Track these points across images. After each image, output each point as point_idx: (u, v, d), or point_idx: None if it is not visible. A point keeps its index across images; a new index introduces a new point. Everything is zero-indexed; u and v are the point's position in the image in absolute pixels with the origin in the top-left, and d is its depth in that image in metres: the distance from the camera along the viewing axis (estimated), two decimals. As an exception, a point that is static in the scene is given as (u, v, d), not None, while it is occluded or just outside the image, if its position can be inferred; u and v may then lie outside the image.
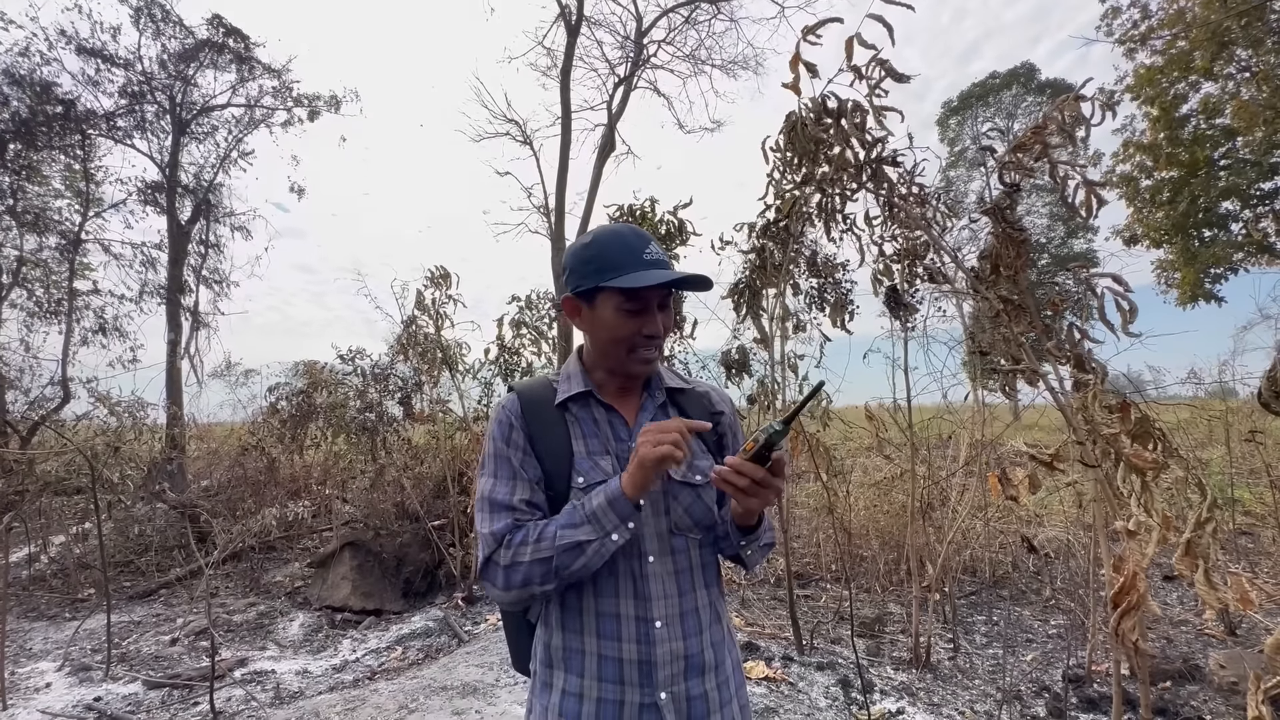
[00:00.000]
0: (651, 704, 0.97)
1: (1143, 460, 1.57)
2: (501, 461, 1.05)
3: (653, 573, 1.01)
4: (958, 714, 2.85)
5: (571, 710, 0.99)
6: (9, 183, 8.52)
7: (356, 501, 6.80)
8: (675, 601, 1.02)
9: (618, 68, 12.08)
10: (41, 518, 6.28)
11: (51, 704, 3.22)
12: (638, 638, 0.98)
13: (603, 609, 1.00)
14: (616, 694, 0.98)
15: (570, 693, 1.00)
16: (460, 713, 2.84)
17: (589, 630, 1.00)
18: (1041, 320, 1.70)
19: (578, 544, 0.93)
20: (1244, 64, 11.09)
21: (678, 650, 1.00)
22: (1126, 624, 1.42)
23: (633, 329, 1.04)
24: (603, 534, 0.94)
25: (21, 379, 8.74)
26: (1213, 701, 2.82)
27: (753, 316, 3.76)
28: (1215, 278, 13.13)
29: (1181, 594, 4.38)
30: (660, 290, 1.05)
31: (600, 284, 1.02)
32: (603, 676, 0.98)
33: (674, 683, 0.98)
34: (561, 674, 1.02)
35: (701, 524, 1.08)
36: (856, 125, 2.01)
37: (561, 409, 1.09)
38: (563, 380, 1.13)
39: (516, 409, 1.09)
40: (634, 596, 1.00)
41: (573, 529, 0.94)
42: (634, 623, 0.99)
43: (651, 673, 0.97)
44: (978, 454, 3.92)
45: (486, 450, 1.09)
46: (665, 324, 1.07)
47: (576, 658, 1.01)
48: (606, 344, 1.07)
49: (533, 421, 1.07)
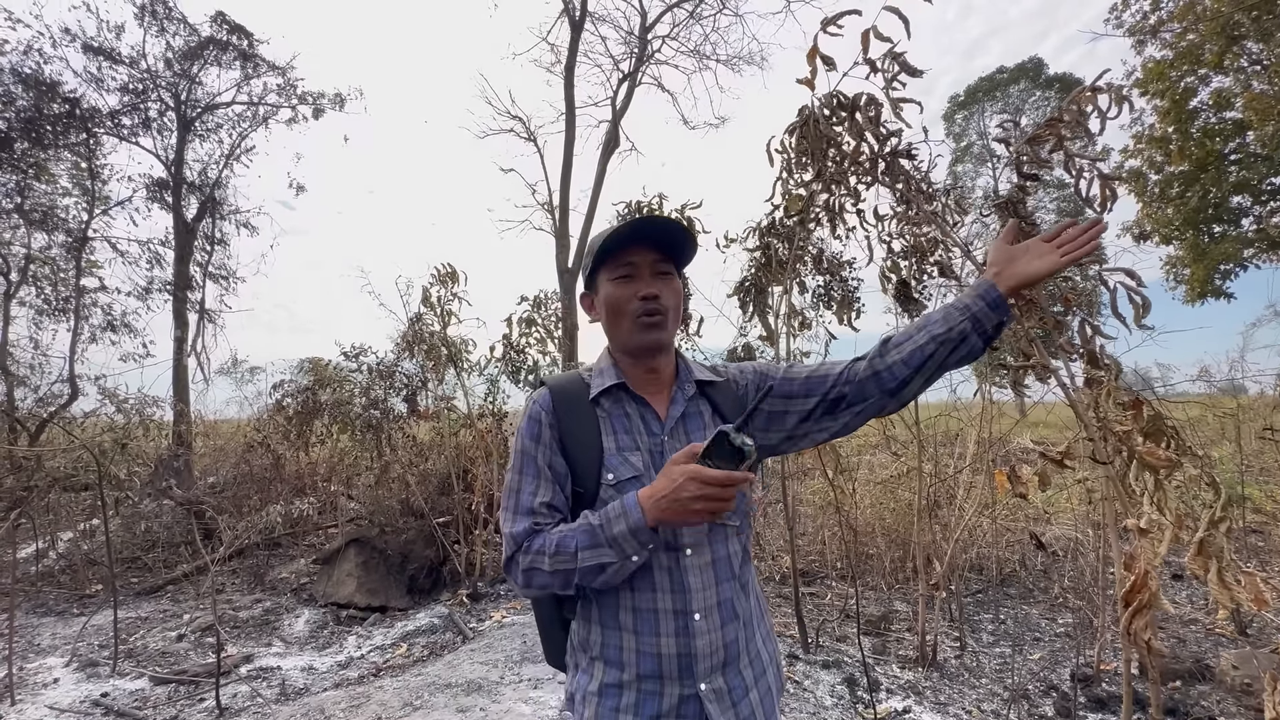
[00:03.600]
0: (692, 695, 0.98)
1: (1156, 458, 1.55)
2: (528, 460, 1.06)
3: (690, 565, 1.01)
4: (964, 713, 2.83)
5: (611, 701, 1.00)
6: (17, 181, 8.56)
7: (361, 498, 6.83)
8: (713, 592, 1.02)
9: (622, 63, 12.05)
10: (49, 514, 6.33)
11: (59, 699, 3.24)
12: (677, 631, 0.99)
13: (640, 604, 1.01)
14: (656, 686, 0.99)
15: (610, 684, 1.01)
16: (465, 710, 2.84)
17: (627, 627, 1.01)
18: (1053, 315, 1.68)
19: (600, 566, 0.94)
20: (1255, 57, 10.96)
21: (716, 641, 1.01)
22: (1139, 623, 1.40)
23: (628, 294, 1.06)
24: (623, 557, 0.94)
25: (30, 376, 8.82)
26: (1224, 702, 2.79)
27: (759, 314, 3.74)
28: (1225, 274, 13.00)
29: (1191, 592, 4.34)
30: (650, 258, 1.06)
31: (594, 264, 1.07)
32: (642, 671, 0.99)
33: (713, 674, 1.00)
34: (601, 665, 1.03)
35: (739, 512, 1.08)
36: (871, 119, 1.98)
37: (594, 404, 1.09)
38: (595, 375, 1.13)
39: (548, 404, 1.09)
40: (672, 590, 1.00)
41: (593, 550, 0.94)
42: (673, 617, 1.00)
43: (692, 665, 0.98)
44: (985, 451, 3.89)
45: (515, 446, 1.09)
46: (664, 295, 1.07)
47: (614, 651, 1.02)
48: (612, 321, 1.09)
49: (564, 417, 1.07)
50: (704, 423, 1.10)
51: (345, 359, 6.48)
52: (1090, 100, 1.59)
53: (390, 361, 6.30)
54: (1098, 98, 1.57)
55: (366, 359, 6.38)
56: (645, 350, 1.09)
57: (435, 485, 5.72)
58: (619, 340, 1.11)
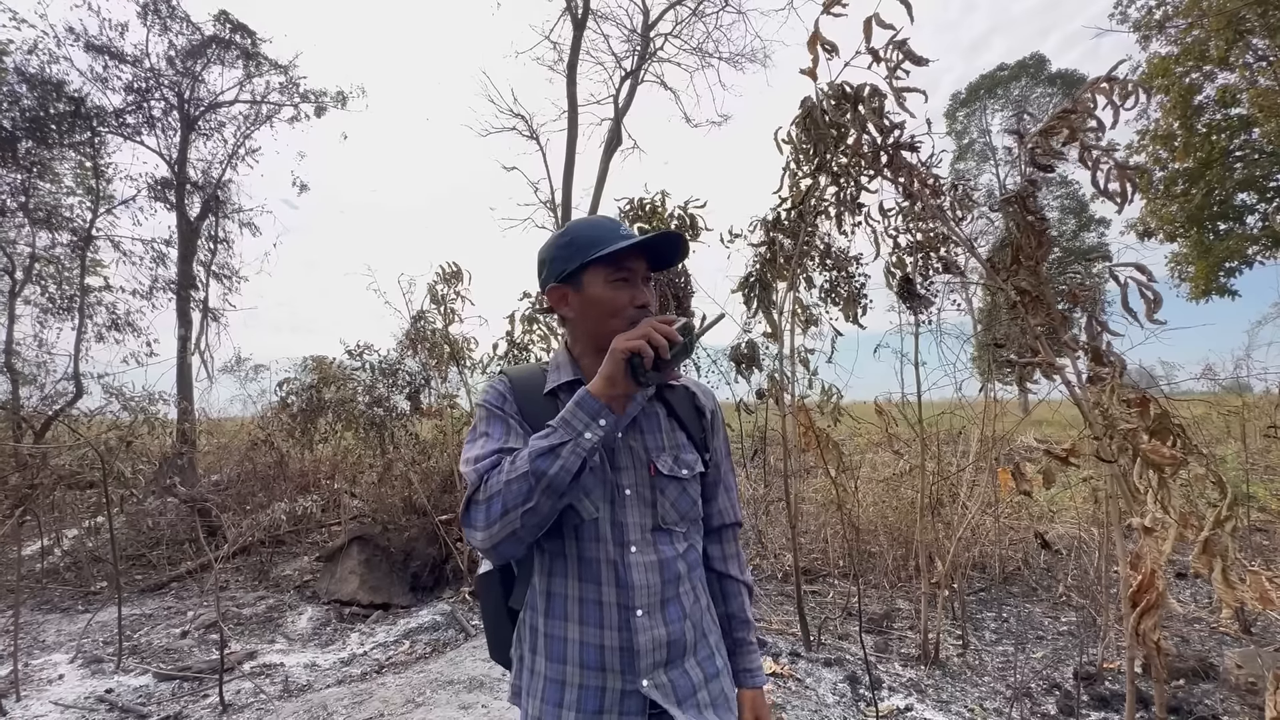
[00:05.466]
0: (634, 691, 0.98)
1: (1161, 456, 1.54)
2: (494, 417, 1.06)
3: (635, 562, 1.01)
4: (967, 711, 2.82)
5: (554, 696, 1.00)
6: (21, 180, 8.58)
7: (365, 496, 6.83)
8: (658, 590, 1.02)
9: (624, 61, 12.02)
10: (55, 511, 6.35)
11: (64, 696, 3.26)
12: (619, 625, 0.99)
13: (585, 595, 1.01)
14: (598, 680, 0.99)
15: (553, 679, 1.01)
16: (467, 707, 2.85)
17: (571, 617, 1.01)
18: (1059, 312, 1.67)
19: (550, 448, 0.91)
20: (1261, 53, 10.88)
21: (660, 638, 1.00)
22: (1147, 623, 1.39)
23: (624, 300, 1.05)
24: (574, 434, 0.91)
25: (36, 375, 8.84)
26: (1228, 700, 2.78)
27: (763, 310, 3.72)
28: (1230, 271, 12.94)
29: (1195, 591, 4.32)
30: (643, 264, 1.07)
31: (585, 260, 1.03)
32: (585, 663, 0.99)
33: (656, 670, 1.00)
34: (544, 660, 1.03)
35: (687, 518, 1.09)
36: (874, 110, 1.96)
37: (551, 396, 1.08)
38: (552, 369, 1.13)
39: (509, 388, 1.09)
40: (616, 585, 1.00)
41: (544, 438, 0.93)
42: (615, 610, 1.00)
43: (634, 661, 0.98)
44: (988, 449, 3.88)
45: (477, 419, 1.09)
46: (652, 303, 1.09)
47: (558, 644, 1.01)
48: (599, 322, 1.06)
49: (524, 404, 1.07)
50: (659, 424, 1.11)
51: (350, 357, 6.49)
52: (1105, 92, 1.58)
53: (394, 359, 6.31)
54: (1112, 89, 1.56)
55: (370, 357, 6.39)
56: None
57: (438, 483, 5.73)
58: (600, 343, 1.05)
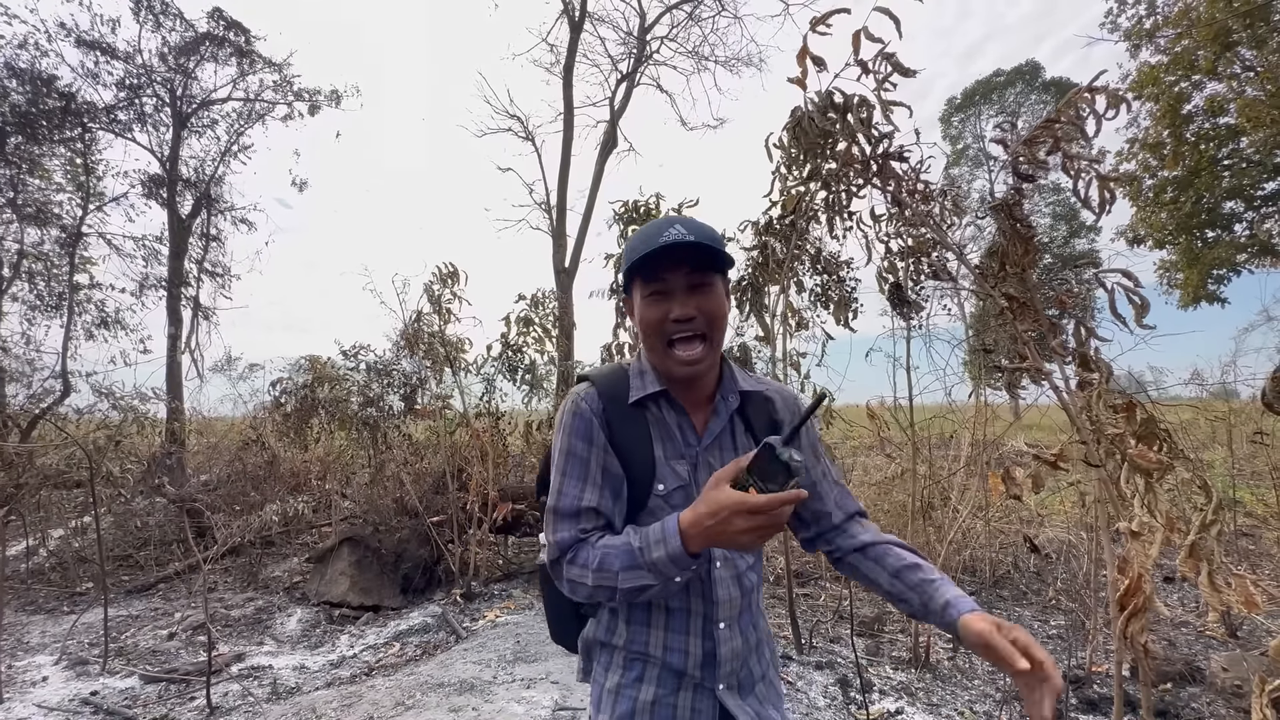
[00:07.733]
0: (710, 690, 1.02)
1: (1147, 461, 1.56)
2: (575, 461, 1.00)
3: (719, 577, 1.03)
4: (957, 714, 2.83)
5: (630, 692, 1.03)
6: (10, 176, 8.50)
7: (356, 497, 6.80)
8: (738, 603, 1.05)
9: (620, 64, 12.06)
10: (40, 511, 6.27)
11: (48, 698, 3.21)
12: (703, 634, 1.02)
13: (672, 604, 1.03)
14: (678, 682, 1.03)
15: (634, 679, 1.04)
16: (457, 709, 2.83)
17: (656, 623, 1.03)
18: (1047, 318, 1.69)
19: (641, 588, 0.92)
20: (1248, 63, 11.03)
21: (738, 649, 1.04)
22: (1135, 626, 1.40)
23: (660, 314, 0.98)
24: (664, 580, 0.90)
25: (22, 372, 8.75)
26: (1214, 704, 2.80)
27: (755, 314, 3.74)
28: (1218, 279, 13.10)
29: (1182, 595, 4.36)
30: (684, 271, 0.97)
31: (629, 271, 1.00)
32: (669, 662, 1.02)
33: (732, 676, 1.04)
34: (624, 657, 1.05)
35: None
36: (862, 120, 1.98)
37: (638, 406, 1.04)
38: (635, 375, 1.07)
39: (598, 405, 1.02)
40: (702, 597, 1.03)
41: (634, 572, 0.91)
42: (701, 619, 1.02)
43: (714, 668, 1.02)
44: (979, 453, 3.90)
45: (559, 444, 1.03)
46: (706, 310, 0.98)
47: (642, 645, 1.04)
48: (645, 340, 1.03)
49: (614, 419, 1.02)
50: (737, 441, 1.07)
51: (344, 358, 6.46)
52: (1087, 102, 1.60)
53: (388, 360, 6.29)
54: (1095, 99, 1.58)
55: (365, 357, 6.36)
56: (675, 379, 1.04)
57: (430, 484, 5.70)
58: (652, 357, 1.05)
